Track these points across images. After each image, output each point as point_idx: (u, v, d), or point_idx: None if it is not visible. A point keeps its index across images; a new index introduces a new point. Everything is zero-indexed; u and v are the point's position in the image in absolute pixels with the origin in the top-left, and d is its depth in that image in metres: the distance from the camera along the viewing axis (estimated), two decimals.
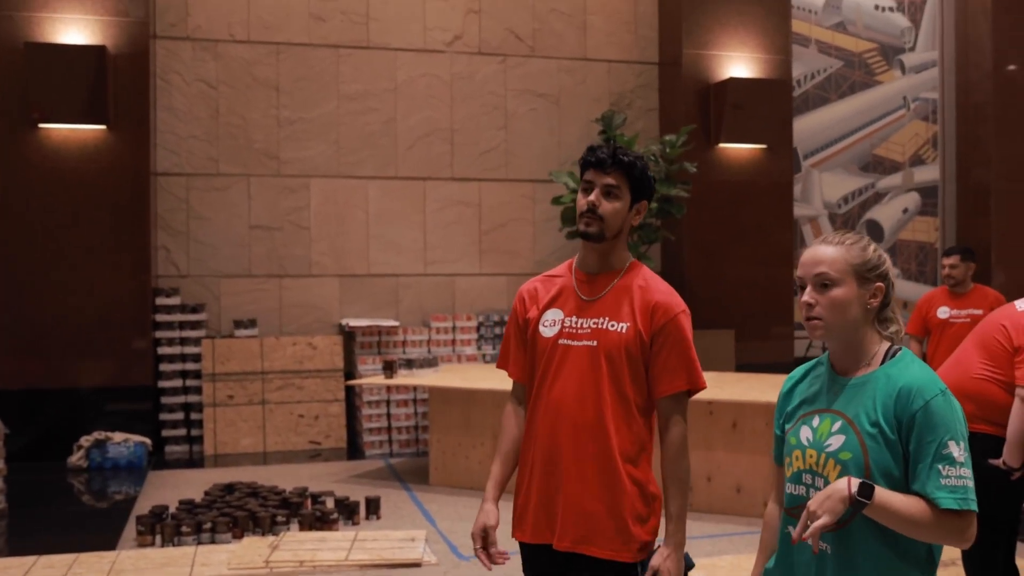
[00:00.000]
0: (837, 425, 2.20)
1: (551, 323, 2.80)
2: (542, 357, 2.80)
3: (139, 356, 8.73)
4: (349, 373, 9.39)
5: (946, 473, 2.08)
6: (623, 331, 2.72)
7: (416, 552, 5.63)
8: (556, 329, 2.79)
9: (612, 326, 2.73)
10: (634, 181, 2.76)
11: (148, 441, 8.42)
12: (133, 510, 6.68)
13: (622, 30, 10.56)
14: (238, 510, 6.24)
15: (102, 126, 8.59)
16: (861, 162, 11.59)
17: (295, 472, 8.03)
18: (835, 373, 2.30)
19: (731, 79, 9.95)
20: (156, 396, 8.91)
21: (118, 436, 8.29)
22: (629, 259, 2.85)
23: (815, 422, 2.25)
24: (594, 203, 2.73)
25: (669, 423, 2.74)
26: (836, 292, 2.21)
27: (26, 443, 8.25)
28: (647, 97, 10.62)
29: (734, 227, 10.09)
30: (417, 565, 5.48)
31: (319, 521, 6.21)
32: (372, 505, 6.56)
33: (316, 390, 9.21)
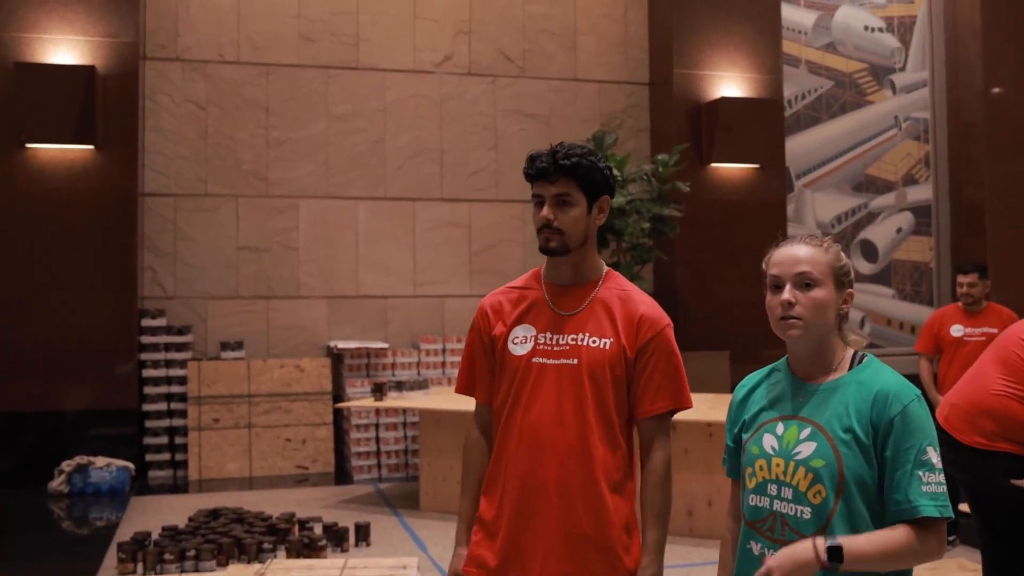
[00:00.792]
0: (806, 432, 2.11)
1: (522, 339, 2.58)
2: (513, 377, 2.56)
3: (123, 379, 8.59)
4: (337, 396, 9.27)
5: (927, 480, 2.01)
6: (607, 347, 2.52)
7: None
8: (529, 346, 2.56)
9: (594, 342, 2.53)
10: (585, 182, 2.55)
11: (131, 466, 8.27)
12: (114, 537, 6.52)
13: (612, 51, 10.53)
14: (223, 536, 6.09)
15: (90, 146, 8.50)
16: (854, 182, 11.54)
17: (282, 497, 7.89)
18: (798, 379, 2.21)
19: (723, 99, 9.91)
20: (140, 419, 8.77)
21: (100, 460, 8.14)
22: (603, 267, 2.67)
23: (779, 429, 2.16)
24: (548, 218, 2.55)
25: (652, 446, 2.55)
26: (818, 293, 2.15)
27: (6, 468, 8.11)
28: (638, 117, 10.58)
29: (727, 247, 10.01)
30: None
31: (307, 548, 6.07)
32: (362, 531, 6.42)
33: (304, 413, 9.08)
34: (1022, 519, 3.72)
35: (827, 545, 1.95)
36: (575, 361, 2.52)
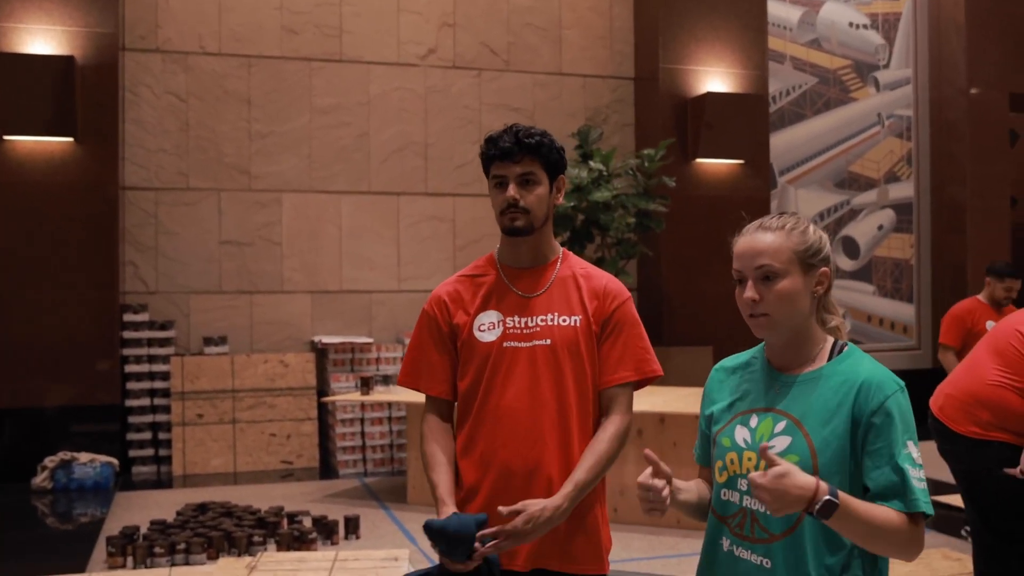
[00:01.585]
0: (781, 426, 2.00)
1: (488, 326, 2.54)
2: (484, 365, 2.51)
3: (106, 374, 8.47)
4: (322, 391, 9.18)
5: (917, 475, 1.90)
6: (577, 324, 2.52)
7: (400, 572, 5.44)
8: (498, 332, 2.52)
9: (564, 320, 2.51)
10: (547, 161, 2.53)
11: (115, 461, 8.15)
12: (102, 532, 6.42)
13: (597, 45, 10.51)
14: (213, 530, 6.02)
15: (69, 139, 8.35)
16: (836, 179, 11.60)
17: (267, 492, 7.80)
18: (774, 370, 2.09)
19: (708, 94, 9.91)
20: (123, 415, 8.64)
21: (84, 456, 8.02)
22: (559, 247, 2.66)
23: (753, 422, 2.05)
24: (515, 198, 2.51)
25: (611, 412, 2.51)
26: (782, 284, 2.00)
27: None
28: (623, 112, 10.56)
29: (712, 243, 9.99)
30: None
31: (297, 541, 6.00)
32: (351, 524, 6.36)
33: (288, 408, 8.99)
34: (1015, 510, 3.74)
35: (826, 498, 1.80)
36: (548, 342, 2.50)
